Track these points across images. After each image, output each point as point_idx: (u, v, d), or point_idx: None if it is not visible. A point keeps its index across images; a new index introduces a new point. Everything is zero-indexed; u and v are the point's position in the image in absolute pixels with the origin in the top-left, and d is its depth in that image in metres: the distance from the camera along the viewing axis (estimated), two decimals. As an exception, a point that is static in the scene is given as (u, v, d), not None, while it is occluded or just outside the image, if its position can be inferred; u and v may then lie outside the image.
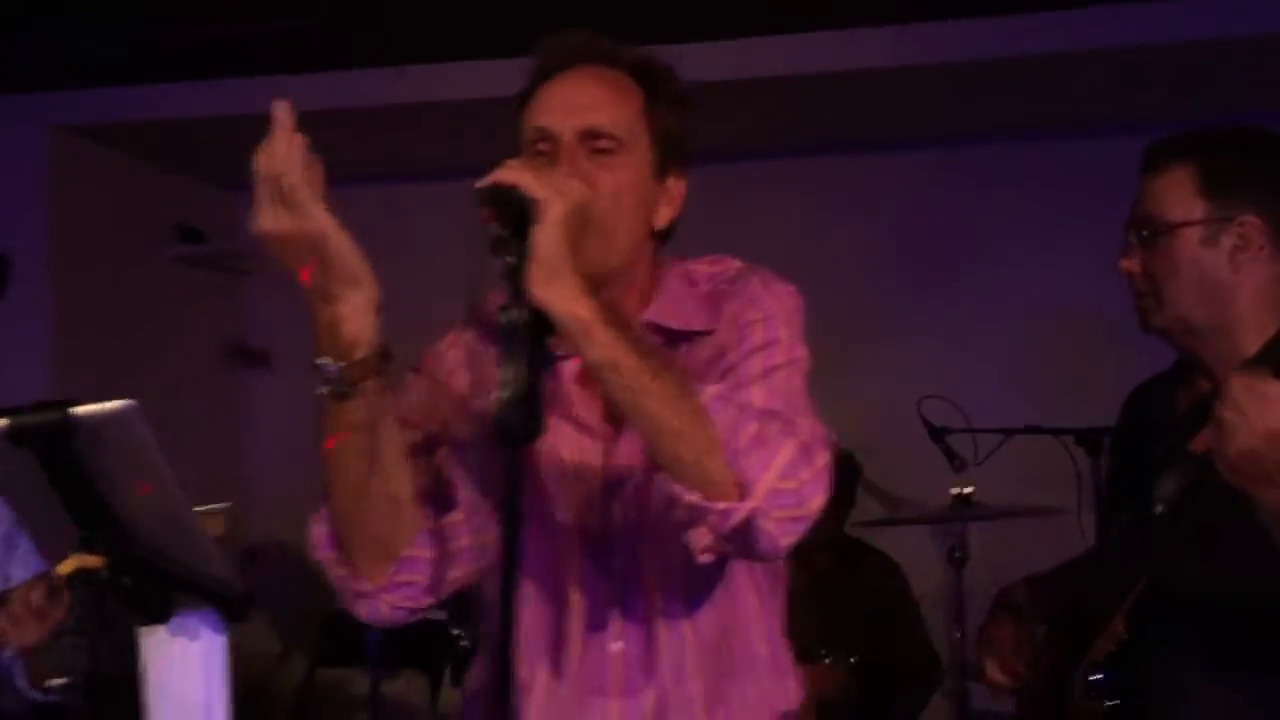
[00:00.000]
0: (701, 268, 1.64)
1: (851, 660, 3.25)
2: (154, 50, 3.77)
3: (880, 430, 4.12)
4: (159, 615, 1.51)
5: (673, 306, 1.59)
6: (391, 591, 1.53)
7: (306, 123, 1.37)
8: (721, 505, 1.39)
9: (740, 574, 1.62)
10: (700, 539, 1.42)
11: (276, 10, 3.64)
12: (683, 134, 1.61)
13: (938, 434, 3.77)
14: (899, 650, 3.77)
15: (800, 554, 4.58)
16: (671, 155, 1.59)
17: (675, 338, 1.59)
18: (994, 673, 2.00)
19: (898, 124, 4.44)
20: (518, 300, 1.30)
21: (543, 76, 1.57)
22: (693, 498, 1.40)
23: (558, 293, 1.31)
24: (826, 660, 3.23)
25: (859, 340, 4.44)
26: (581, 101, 1.53)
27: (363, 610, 1.55)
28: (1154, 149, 1.84)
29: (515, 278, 1.30)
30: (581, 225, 1.35)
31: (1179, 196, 1.79)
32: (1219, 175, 1.78)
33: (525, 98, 1.57)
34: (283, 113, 1.35)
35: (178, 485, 1.44)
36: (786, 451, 1.41)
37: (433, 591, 1.55)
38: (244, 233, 4.94)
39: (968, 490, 3.70)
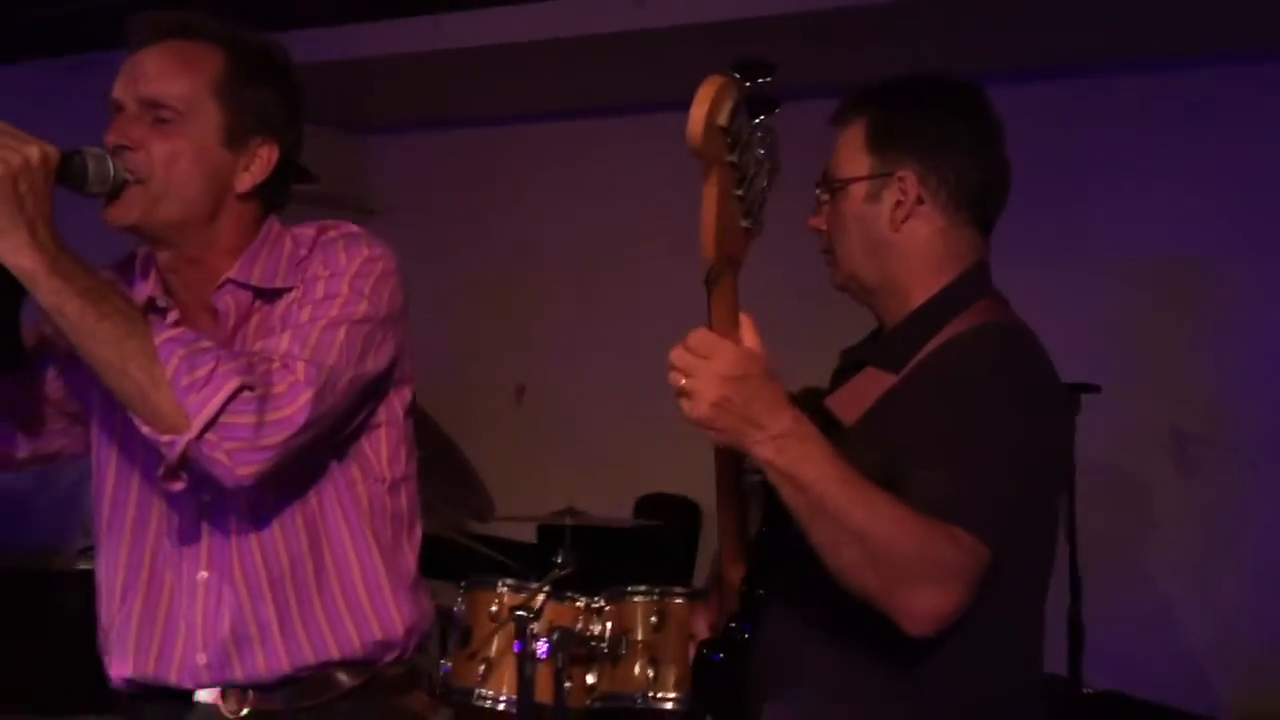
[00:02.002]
0: (309, 232, 1.76)
1: (597, 599, 3.30)
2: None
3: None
4: None
5: (262, 266, 1.71)
6: None
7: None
8: (166, 437, 1.53)
9: (329, 502, 1.72)
10: (161, 469, 1.57)
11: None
12: (275, 104, 1.71)
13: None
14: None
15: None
16: (254, 124, 1.69)
17: (264, 294, 1.71)
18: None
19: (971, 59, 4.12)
20: None
21: (128, 49, 1.70)
22: (146, 430, 1.54)
23: (2, 245, 1.47)
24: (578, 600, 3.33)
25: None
26: (146, 74, 1.67)
27: None
28: (841, 103, 1.78)
29: None
30: (31, 185, 1.49)
31: (850, 152, 1.74)
32: (884, 130, 1.72)
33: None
34: None
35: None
36: (230, 388, 1.52)
37: None
38: (363, 174, 5.27)
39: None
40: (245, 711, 1.71)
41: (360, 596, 1.73)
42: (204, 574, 1.70)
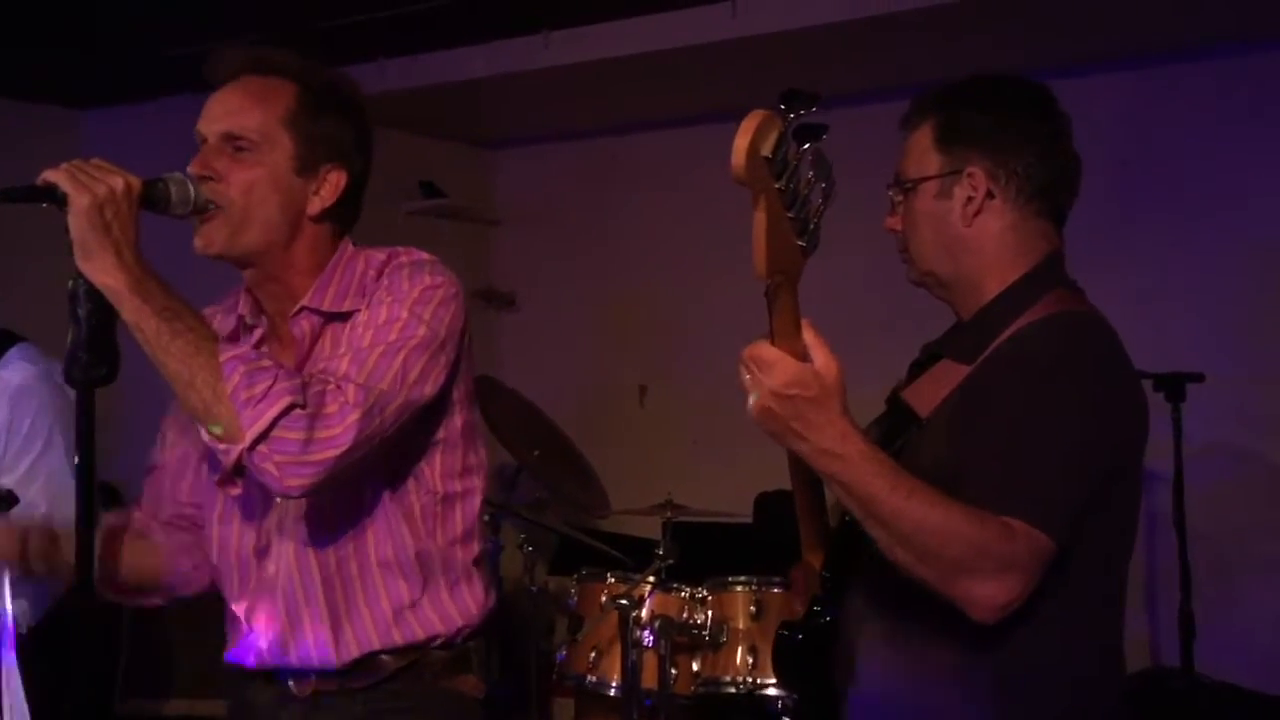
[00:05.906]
0: (380, 256, 1.85)
1: (700, 589, 3.48)
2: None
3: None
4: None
5: (334, 291, 1.83)
6: None
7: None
8: (223, 446, 1.65)
9: (379, 510, 1.82)
10: (218, 475, 1.71)
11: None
12: (342, 133, 1.82)
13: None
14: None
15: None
16: (324, 152, 1.81)
17: (336, 317, 1.82)
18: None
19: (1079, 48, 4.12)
20: (78, 272, 1.61)
21: (211, 84, 1.83)
22: (208, 438, 1.67)
23: (91, 267, 1.61)
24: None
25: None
26: (225, 110, 1.79)
27: None
28: (910, 106, 1.83)
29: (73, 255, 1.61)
30: (116, 212, 1.61)
31: (919, 153, 1.78)
32: (951, 128, 1.76)
33: None
34: None
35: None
36: (282, 405, 1.63)
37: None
38: (487, 186, 5.47)
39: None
40: (309, 691, 1.85)
41: (402, 597, 1.83)
42: (271, 568, 1.85)
